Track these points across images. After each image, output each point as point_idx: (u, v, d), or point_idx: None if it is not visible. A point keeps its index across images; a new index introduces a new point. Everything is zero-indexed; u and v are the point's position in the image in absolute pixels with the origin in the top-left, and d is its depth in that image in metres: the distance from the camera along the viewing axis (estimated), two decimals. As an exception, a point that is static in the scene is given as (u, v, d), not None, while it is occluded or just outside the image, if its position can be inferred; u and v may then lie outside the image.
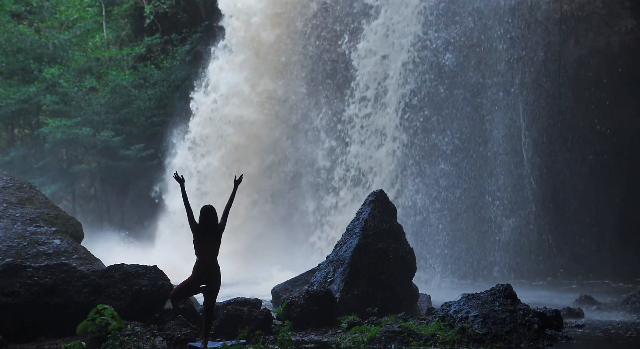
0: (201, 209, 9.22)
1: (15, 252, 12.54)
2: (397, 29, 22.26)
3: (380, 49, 22.52)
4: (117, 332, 9.29)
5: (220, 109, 25.95)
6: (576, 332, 10.98)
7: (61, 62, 30.62)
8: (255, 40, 25.72)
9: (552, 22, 21.05)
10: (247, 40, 25.92)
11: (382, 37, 22.52)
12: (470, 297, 10.50)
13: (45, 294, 10.37)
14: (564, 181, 21.15)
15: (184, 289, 9.26)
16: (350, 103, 23.04)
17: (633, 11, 20.97)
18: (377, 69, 22.47)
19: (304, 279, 14.05)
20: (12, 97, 29.45)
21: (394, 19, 22.42)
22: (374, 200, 13.59)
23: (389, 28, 22.51)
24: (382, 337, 9.77)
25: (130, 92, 30.31)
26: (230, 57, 26.31)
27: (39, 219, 13.88)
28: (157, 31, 31.46)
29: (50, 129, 28.93)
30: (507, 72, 20.97)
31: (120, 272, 11.03)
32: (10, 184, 14.86)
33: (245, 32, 26.03)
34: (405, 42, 21.94)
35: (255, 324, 10.35)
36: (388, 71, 22.18)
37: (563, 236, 20.76)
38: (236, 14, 26.57)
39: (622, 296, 14.93)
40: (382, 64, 22.39)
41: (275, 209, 24.76)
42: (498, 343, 9.47)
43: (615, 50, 21.04)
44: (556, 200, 20.98)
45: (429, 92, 21.39)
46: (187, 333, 9.88)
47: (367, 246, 12.86)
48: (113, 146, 29.58)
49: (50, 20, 31.66)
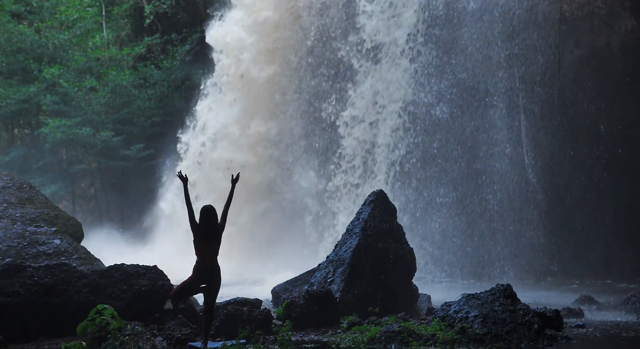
0: (201, 209, 9.21)
1: (15, 252, 12.54)
2: (386, 94, 21.55)
3: (367, 115, 21.71)
4: (117, 332, 9.29)
5: (208, 152, 24.86)
6: (576, 332, 10.98)
7: (61, 62, 30.62)
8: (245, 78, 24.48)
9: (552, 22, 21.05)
10: (237, 78, 24.78)
11: (369, 104, 21.74)
12: (470, 297, 10.50)
13: (45, 294, 10.36)
14: (564, 181, 21.15)
15: (184, 289, 9.26)
16: (337, 173, 22.33)
17: (633, 11, 20.96)
18: (365, 136, 21.71)
19: (304, 279, 14.05)
20: (12, 97, 29.45)
21: (381, 86, 21.72)
22: (374, 200, 13.59)
23: (377, 93, 21.77)
24: (382, 337, 9.77)
25: (130, 92, 30.32)
26: (220, 96, 25.22)
27: (39, 219, 13.89)
28: (157, 31, 31.48)
29: (50, 129, 28.94)
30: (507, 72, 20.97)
31: (120, 272, 11.03)
32: (10, 184, 14.87)
33: (236, 69, 24.83)
34: (394, 108, 21.32)
35: (255, 324, 10.35)
36: (377, 138, 21.48)
37: (563, 236, 20.75)
38: (225, 49, 25.31)
39: (622, 296, 14.94)
40: (370, 131, 21.66)
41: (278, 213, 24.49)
42: (498, 343, 9.47)
43: (615, 50, 21.04)
44: (557, 200, 20.98)
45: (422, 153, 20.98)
46: (187, 333, 9.88)
47: (367, 246, 12.86)
48: (113, 146, 29.58)
49: (50, 20, 31.67)
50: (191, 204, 9.19)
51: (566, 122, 20.97)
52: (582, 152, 20.99)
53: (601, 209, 20.77)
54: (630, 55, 20.83)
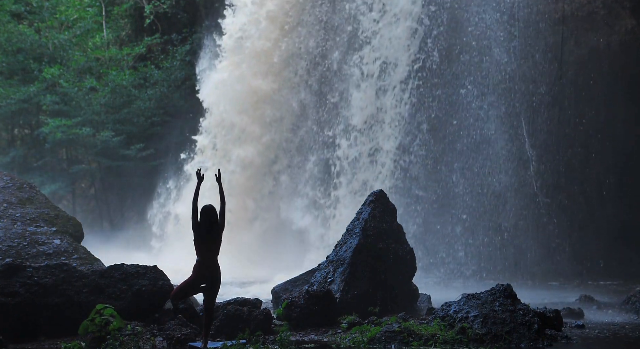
0: (202, 209, 9.21)
1: (15, 252, 12.54)
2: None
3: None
4: (117, 332, 9.29)
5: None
6: (576, 332, 10.98)
7: (61, 62, 30.63)
8: None
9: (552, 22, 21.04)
10: None
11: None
12: (470, 297, 10.49)
13: (45, 294, 10.35)
14: (564, 181, 21.14)
15: (184, 289, 9.26)
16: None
17: (633, 11, 20.96)
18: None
19: (304, 279, 14.03)
20: (12, 97, 29.46)
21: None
22: (374, 200, 13.58)
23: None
24: (382, 337, 9.77)
25: (130, 92, 30.33)
26: None
27: (39, 219, 13.89)
28: (157, 31, 31.49)
29: (50, 129, 28.94)
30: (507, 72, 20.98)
31: (120, 272, 11.03)
32: (10, 184, 14.87)
33: None
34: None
35: (255, 324, 10.35)
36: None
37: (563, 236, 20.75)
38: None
39: (622, 296, 14.93)
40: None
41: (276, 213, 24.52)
42: (498, 343, 9.47)
43: (615, 50, 21.04)
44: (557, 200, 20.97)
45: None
46: (187, 333, 9.88)
47: (367, 246, 12.85)
48: (113, 146, 29.58)
49: (50, 20, 31.67)
50: (197, 205, 9.20)
51: (567, 122, 20.97)
52: (582, 152, 20.99)
53: (601, 209, 20.76)
54: (630, 55, 20.84)
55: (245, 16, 25.50)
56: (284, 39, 24.70)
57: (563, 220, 20.86)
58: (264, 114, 24.70)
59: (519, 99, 20.91)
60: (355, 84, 22.40)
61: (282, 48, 24.67)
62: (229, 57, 25.58)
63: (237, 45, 25.44)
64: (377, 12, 22.43)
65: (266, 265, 21.42)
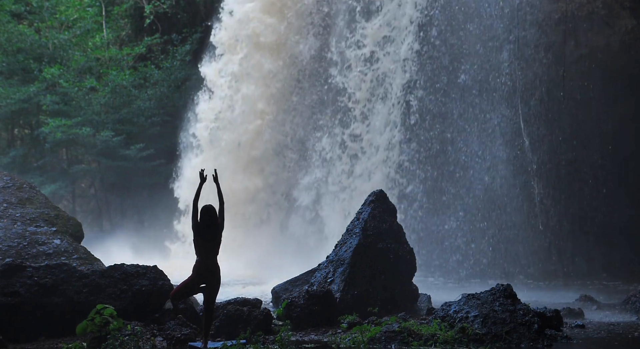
0: (202, 209, 9.22)
1: (15, 252, 12.54)
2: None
3: None
4: (117, 332, 9.29)
5: None
6: (576, 332, 10.97)
7: (61, 62, 30.63)
8: None
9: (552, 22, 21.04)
10: None
11: None
12: (470, 297, 10.49)
13: (45, 294, 10.35)
14: (564, 181, 21.15)
15: (184, 289, 9.27)
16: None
17: (633, 11, 20.96)
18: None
19: (304, 279, 14.04)
20: (12, 97, 29.44)
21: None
22: (374, 200, 13.58)
23: None
24: (382, 337, 9.77)
25: (130, 92, 30.33)
26: None
27: (39, 219, 13.89)
28: (157, 31, 31.50)
29: (50, 129, 28.93)
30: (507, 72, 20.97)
31: (120, 272, 11.02)
32: (10, 184, 14.86)
33: None
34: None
35: (255, 324, 10.34)
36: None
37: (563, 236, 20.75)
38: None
39: (622, 296, 14.93)
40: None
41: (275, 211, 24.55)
42: (498, 343, 9.47)
43: (615, 50, 21.04)
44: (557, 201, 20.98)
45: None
46: (187, 333, 9.88)
47: (367, 246, 12.85)
48: (113, 146, 29.57)
49: (50, 20, 31.68)
50: (197, 205, 9.22)
51: (567, 122, 20.96)
52: (582, 152, 20.99)
53: (601, 209, 20.77)
54: (630, 55, 20.83)
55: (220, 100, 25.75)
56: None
57: (563, 220, 20.87)
58: None
59: (519, 99, 20.90)
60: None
61: None
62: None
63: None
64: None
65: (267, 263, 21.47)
